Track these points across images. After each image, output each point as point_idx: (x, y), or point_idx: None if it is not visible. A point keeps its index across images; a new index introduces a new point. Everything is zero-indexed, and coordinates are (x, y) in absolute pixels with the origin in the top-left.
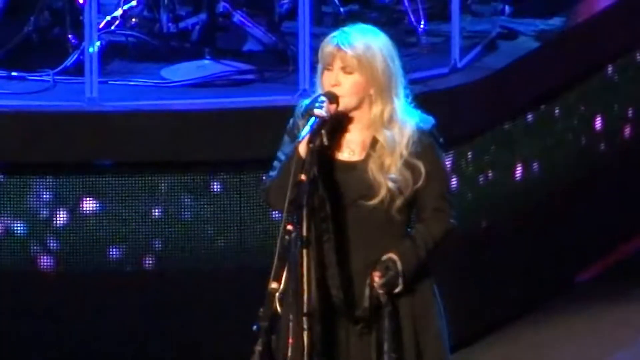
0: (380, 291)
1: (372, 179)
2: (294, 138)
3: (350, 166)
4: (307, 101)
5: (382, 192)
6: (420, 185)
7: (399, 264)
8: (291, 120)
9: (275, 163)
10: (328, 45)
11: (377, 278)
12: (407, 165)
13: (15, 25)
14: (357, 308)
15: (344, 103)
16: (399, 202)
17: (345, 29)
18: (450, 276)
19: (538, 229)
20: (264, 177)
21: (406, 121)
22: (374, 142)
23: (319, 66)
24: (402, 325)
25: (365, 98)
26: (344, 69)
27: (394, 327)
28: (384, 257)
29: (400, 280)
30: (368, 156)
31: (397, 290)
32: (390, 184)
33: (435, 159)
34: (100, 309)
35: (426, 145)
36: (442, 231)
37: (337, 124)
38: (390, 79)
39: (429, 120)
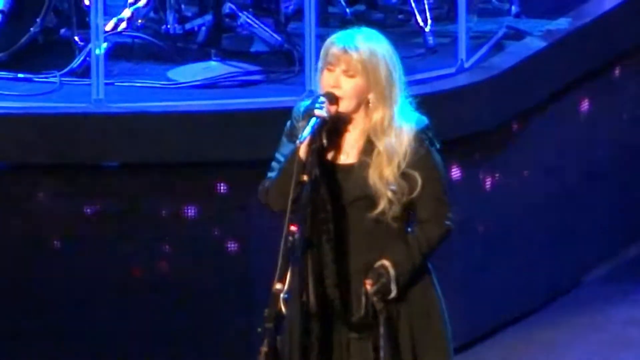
0: (374, 298)
1: (372, 187)
2: (292, 139)
3: (346, 169)
4: (304, 103)
5: (383, 203)
6: (416, 194)
7: (391, 270)
8: (288, 122)
9: (274, 164)
10: (333, 46)
11: (368, 286)
12: (404, 175)
13: (21, 26)
14: (353, 313)
15: (343, 105)
16: (395, 209)
17: (350, 31)
18: (455, 275)
19: (546, 228)
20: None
21: (403, 128)
22: (369, 147)
23: (320, 65)
24: (400, 328)
25: (363, 102)
26: (346, 71)
27: (390, 333)
28: (377, 264)
29: (393, 287)
30: (363, 161)
31: (391, 296)
32: (390, 194)
33: (431, 165)
34: (108, 310)
35: (422, 154)
36: (438, 234)
37: (334, 126)
38: (392, 85)
39: (423, 122)
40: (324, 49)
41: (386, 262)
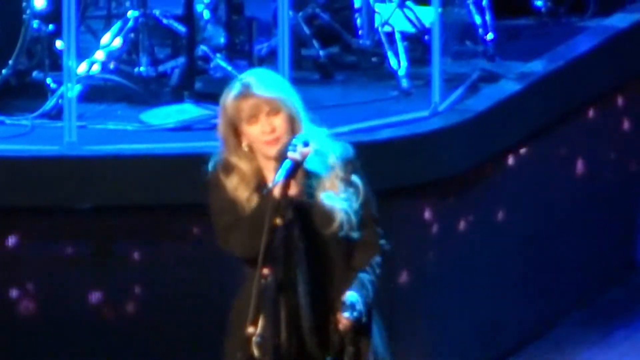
0: (349, 334)
1: (325, 208)
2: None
3: (307, 203)
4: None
5: (339, 216)
6: (362, 200)
7: (360, 300)
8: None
9: (227, 218)
10: (243, 99)
11: (344, 320)
12: (347, 182)
13: None
14: (328, 352)
15: (284, 142)
16: (355, 219)
17: (242, 79)
18: (427, 316)
19: (518, 273)
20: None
21: (325, 146)
22: (305, 173)
23: (230, 125)
24: None
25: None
26: (269, 112)
27: None
28: (345, 298)
29: (365, 317)
30: (309, 188)
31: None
32: (343, 205)
33: (364, 185)
34: (79, 354)
35: (354, 170)
36: (380, 256)
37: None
38: (299, 105)
39: (350, 150)
40: (234, 108)
41: (355, 293)
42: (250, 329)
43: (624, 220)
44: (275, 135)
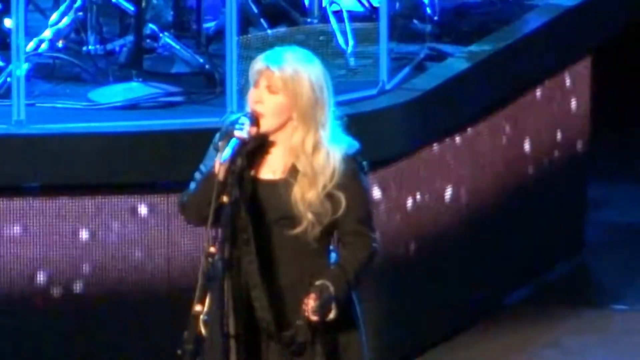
0: (314, 318)
1: (294, 208)
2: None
3: (272, 186)
4: (234, 116)
5: (304, 224)
6: (340, 214)
7: (331, 289)
8: (217, 135)
9: (196, 174)
10: (259, 63)
11: (312, 301)
12: (329, 196)
13: None
14: (285, 329)
15: (266, 123)
16: (316, 230)
17: (280, 49)
18: (378, 297)
19: (465, 251)
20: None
21: (332, 152)
22: (294, 167)
23: (250, 82)
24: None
25: (289, 121)
26: (269, 87)
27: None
28: (317, 282)
29: (334, 305)
30: (289, 179)
31: (331, 316)
32: (311, 217)
33: (357, 188)
34: (25, 332)
35: (350, 176)
36: (366, 256)
37: (260, 144)
38: (315, 107)
39: (354, 146)
40: (252, 66)
41: (326, 282)
42: (198, 308)
43: (571, 199)
44: (259, 107)
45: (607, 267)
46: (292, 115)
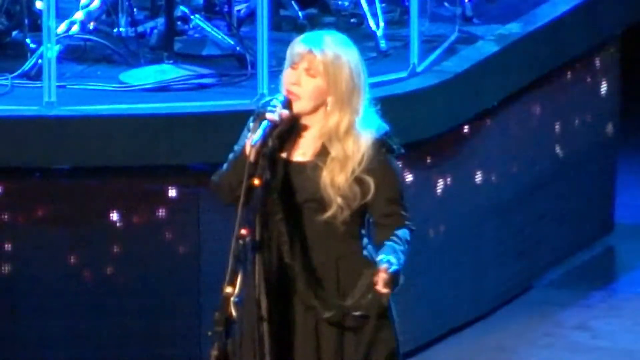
0: (385, 290)
1: (322, 191)
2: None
3: (301, 167)
4: (268, 98)
5: (334, 207)
6: (369, 199)
7: (395, 261)
8: (252, 117)
9: (231, 156)
10: (299, 44)
11: (383, 273)
12: (358, 180)
13: None
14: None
15: (301, 105)
16: (345, 214)
17: (320, 32)
18: (405, 279)
19: (497, 232)
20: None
21: (363, 136)
22: (325, 150)
23: (285, 63)
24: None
25: (323, 105)
26: (308, 70)
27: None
28: (380, 257)
29: (401, 277)
30: (318, 162)
31: (397, 287)
32: (340, 201)
33: (387, 170)
34: (57, 315)
35: (380, 160)
36: (408, 234)
37: (292, 127)
38: (352, 92)
39: (383, 128)
40: (291, 47)
41: (388, 255)
42: (228, 290)
43: (600, 181)
44: (296, 89)
45: (638, 250)
46: (326, 99)
